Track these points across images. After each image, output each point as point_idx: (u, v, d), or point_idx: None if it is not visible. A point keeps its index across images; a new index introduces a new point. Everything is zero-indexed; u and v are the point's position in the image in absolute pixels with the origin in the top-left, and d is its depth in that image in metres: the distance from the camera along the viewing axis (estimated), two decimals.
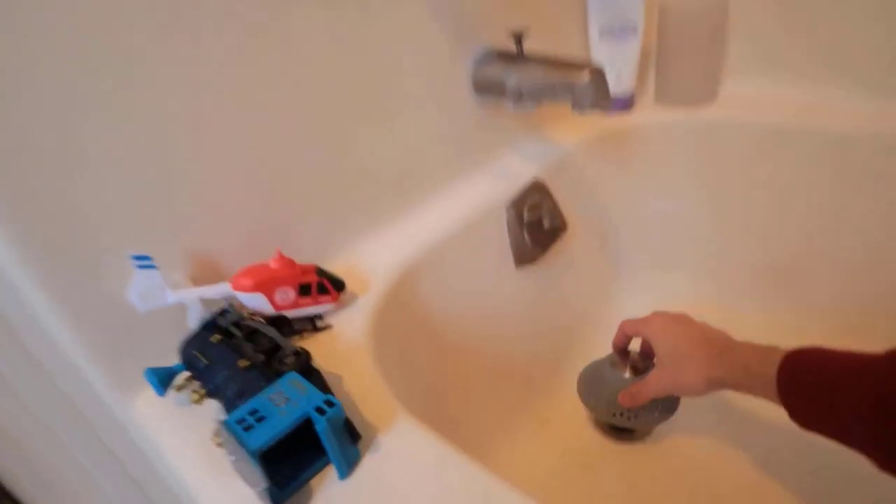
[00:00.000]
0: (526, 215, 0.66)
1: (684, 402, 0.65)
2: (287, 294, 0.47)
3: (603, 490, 0.64)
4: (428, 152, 0.63)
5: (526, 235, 0.66)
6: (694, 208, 0.82)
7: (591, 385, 0.67)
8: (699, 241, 0.84)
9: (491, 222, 0.65)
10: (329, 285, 0.49)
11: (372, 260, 0.56)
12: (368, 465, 0.37)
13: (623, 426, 0.65)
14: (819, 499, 0.60)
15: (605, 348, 0.68)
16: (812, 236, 0.75)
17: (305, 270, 0.48)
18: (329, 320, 0.50)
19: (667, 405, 0.63)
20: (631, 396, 0.60)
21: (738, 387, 0.50)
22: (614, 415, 0.63)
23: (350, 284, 0.52)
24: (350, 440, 0.37)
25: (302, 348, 0.42)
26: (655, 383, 0.57)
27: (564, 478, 0.66)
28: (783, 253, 0.78)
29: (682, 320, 0.57)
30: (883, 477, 0.40)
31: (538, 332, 0.74)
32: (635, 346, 0.64)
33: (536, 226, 0.68)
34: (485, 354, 0.66)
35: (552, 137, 0.76)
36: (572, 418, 0.73)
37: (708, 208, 0.82)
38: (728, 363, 0.51)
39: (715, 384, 0.52)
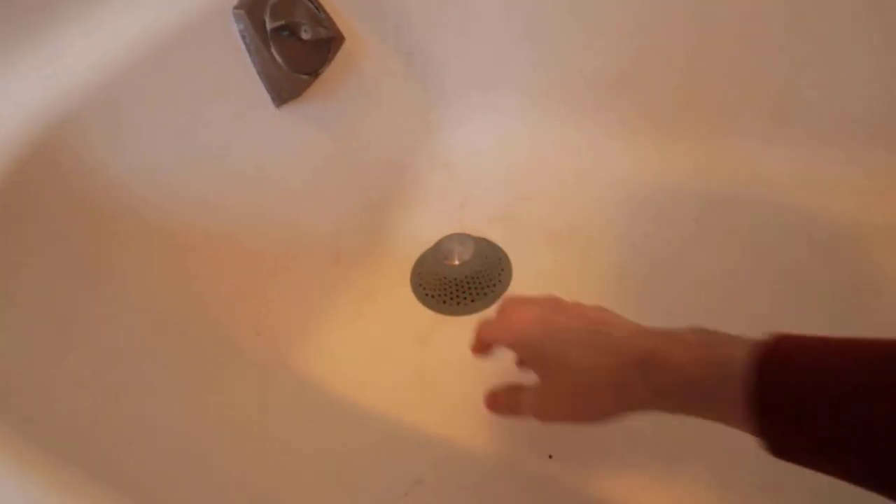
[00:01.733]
0: (269, 22, 0.45)
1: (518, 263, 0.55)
2: None
3: (437, 365, 0.54)
4: None
5: (276, 55, 0.46)
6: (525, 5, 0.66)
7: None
8: (528, 48, 0.69)
9: (213, 38, 0.43)
10: None
11: None
12: None
13: None
14: None
15: (433, 199, 0.54)
16: (643, 40, 0.64)
17: None
18: None
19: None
20: (502, 406, 0.42)
21: (676, 410, 0.32)
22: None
23: None
24: None
25: None
26: (539, 409, 0.38)
27: (396, 355, 0.55)
28: (619, 58, 0.66)
29: (556, 319, 0.36)
30: None
31: (336, 189, 0.57)
32: None
33: (291, 39, 0.47)
34: (260, 235, 0.49)
35: None
36: (399, 288, 0.60)
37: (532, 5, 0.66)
38: (655, 382, 0.32)
39: (635, 412, 0.34)
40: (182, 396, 0.38)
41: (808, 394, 0.26)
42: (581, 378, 0.34)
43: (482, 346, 0.42)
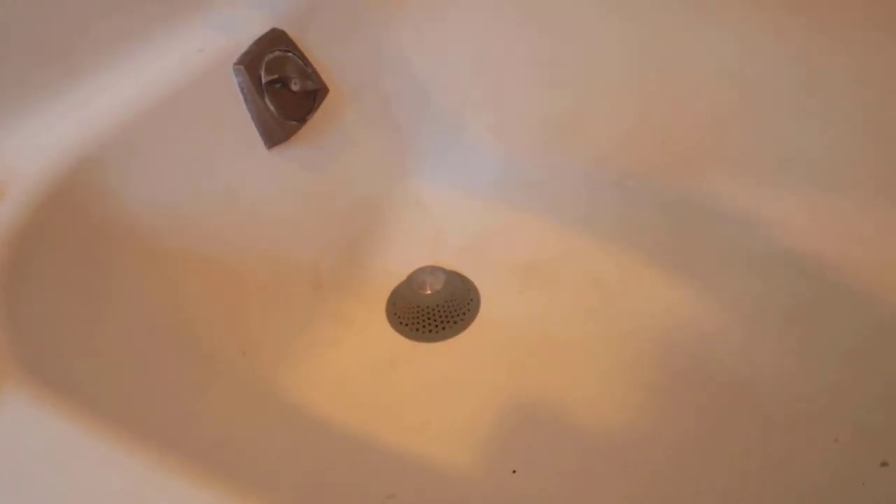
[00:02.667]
0: (264, 76, 0.50)
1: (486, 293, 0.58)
2: None
3: (409, 388, 0.57)
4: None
5: (270, 104, 0.51)
6: (491, 55, 0.71)
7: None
8: (498, 91, 0.74)
9: (216, 89, 0.48)
10: None
11: (14, 155, 0.38)
12: None
13: None
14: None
15: (407, 234, 0.59)
16: (595, 80, 0.69)
17: None
18: None
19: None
20: None
21: None
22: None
23: None
24: None
25: None
26: None
27: (372, 381, 0.58)
28: (570, 101, 0.71)
29: None
30: None
31: (318, 223, 0.61)
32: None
33: (283, 90, 0.52)
34: (249, 262, 0.52)
35: None
36: (375, 315, 0.64)
37: (501, 53, 0.71)
38: None
39: None
40: (171, 408, 0.41)
41: None
42: None
43: None
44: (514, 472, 0.49)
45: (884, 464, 0.45)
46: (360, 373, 0.58)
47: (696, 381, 0.54)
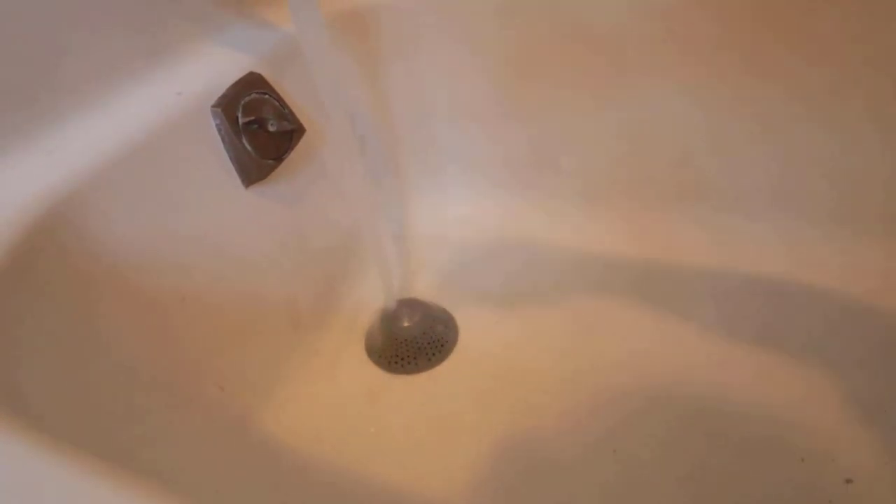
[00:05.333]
0: (241, 117, 0.52)
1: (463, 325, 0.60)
2: None
3: (388, 420, 0.58)
4: (81, 41, 0.44)
5: (247, 144, 0.52)
6: (464, 89, 0.73)
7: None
8: (471, 129, 0.76)
9: (194, 131, 0.49)
10: None
11: None
12: None
13: None
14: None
15: (382, 266, 0.60)
16: (573, 125, 0.71)
17: None
18: None
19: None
20: None
21: None
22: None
23: None
24: None
25: None
26: None
27: (351, 415, 0.58)
28: (551, 141, 0.74)
29: None
30: None
31: (296, 260, 0.62)
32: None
33: (259, 131, 0.54)
34: (228, 300, 0.53)
35: (270, 20, 0.61)
36: (353, 349, 0.64)
37: (474, 93, 0.74)
38: None
39: None
40: (147, 444, 0.41)
41: None
42: None
43: None
44: None
45: (848, 481, 0.46)
46: (339, 407, 0.59)
47: (670, 408, 0.55)
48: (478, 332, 0.65)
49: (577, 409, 0.56)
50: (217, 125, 0.51)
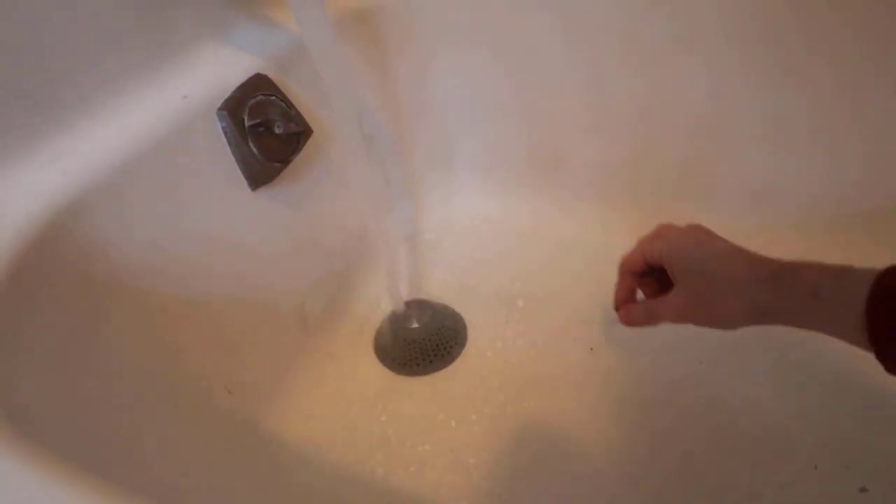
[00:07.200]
0: (248, 120, 0.52)
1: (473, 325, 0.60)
2: None
3: (397, 422, 0.58)
4: (88, 46, 0.44)
5: (253, 147, 0.52)
6: (474, 92, 0.73)
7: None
8: (481, 127, 0.76)
9: (200, 134, 0.49)
10: None
11: None
12: None
13: None
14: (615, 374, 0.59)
15: (392, 267, 0.60)
16: (582, 123, 0.70)
17: None
18: None
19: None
20: (639, 315, 0.44)
21: (794, 319, 0.36)
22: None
23: None
24: None
25: None
26: (677, 309, 0.41)
27: (361, 416, 0.58)
28: (562, 139, 0.73)
29: (706, 231, 0.41)
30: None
31: (304, 261, 0.62)
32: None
33: (266, 133, 0.53)
34: (236, 302, 0.53)
35: (277, 20, 0.61)
36: (363, 350, 0.64)
37: (485, 91, 0.73)
38: (785, 287, 0.35)
39: (761, 313, 0.37)
40: (156, 450, 0.41)
41: None
42: (721, 286, 0.37)
43: (640, 265, 0.44)
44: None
45: (863, 489, 0.45)
46: (348, 409, 0.59)
47: (678, 414, 0.55)
48: (487, 333, 0.65)
49: (587, 411, 0.56)
50: (223, 128, 0.51)
